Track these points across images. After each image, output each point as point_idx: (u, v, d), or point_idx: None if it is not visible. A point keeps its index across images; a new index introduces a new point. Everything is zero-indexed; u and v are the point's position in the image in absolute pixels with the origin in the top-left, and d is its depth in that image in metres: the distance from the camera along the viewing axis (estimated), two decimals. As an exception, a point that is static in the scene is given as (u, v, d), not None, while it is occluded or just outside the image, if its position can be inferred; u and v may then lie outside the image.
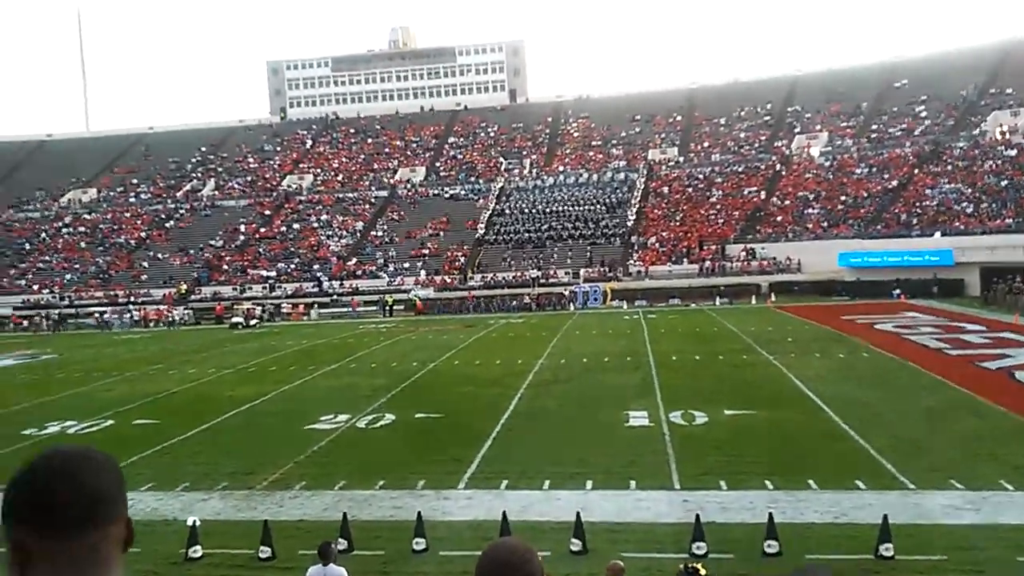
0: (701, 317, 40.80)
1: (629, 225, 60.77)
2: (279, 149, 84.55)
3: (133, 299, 58.66)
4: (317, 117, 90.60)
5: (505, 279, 55.78)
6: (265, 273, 61.27)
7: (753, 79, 79.23)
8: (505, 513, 11.00)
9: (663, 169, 68.28)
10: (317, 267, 61.61)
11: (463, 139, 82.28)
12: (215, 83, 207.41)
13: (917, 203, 52.08)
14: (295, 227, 68.39)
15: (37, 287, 62.60)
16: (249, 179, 78.63)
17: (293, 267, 62.10)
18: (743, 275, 51.95)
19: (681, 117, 77.36)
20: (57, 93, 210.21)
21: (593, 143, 76.43)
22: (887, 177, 56.51)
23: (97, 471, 1.42)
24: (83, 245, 69.33)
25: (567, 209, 63.61)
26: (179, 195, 76.44)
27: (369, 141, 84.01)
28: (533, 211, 64.36)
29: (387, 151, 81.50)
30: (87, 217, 73.90)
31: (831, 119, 68.65)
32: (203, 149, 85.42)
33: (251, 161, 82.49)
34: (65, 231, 72.02)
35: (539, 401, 20.82)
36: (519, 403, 20.56)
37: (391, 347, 34.63)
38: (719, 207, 61.18)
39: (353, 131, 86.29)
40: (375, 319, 50.14)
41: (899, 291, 44.56)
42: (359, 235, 66.16)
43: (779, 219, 57.17)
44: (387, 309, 51.78)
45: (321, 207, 70.96)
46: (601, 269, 55.18)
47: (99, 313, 55.87)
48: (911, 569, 9.61)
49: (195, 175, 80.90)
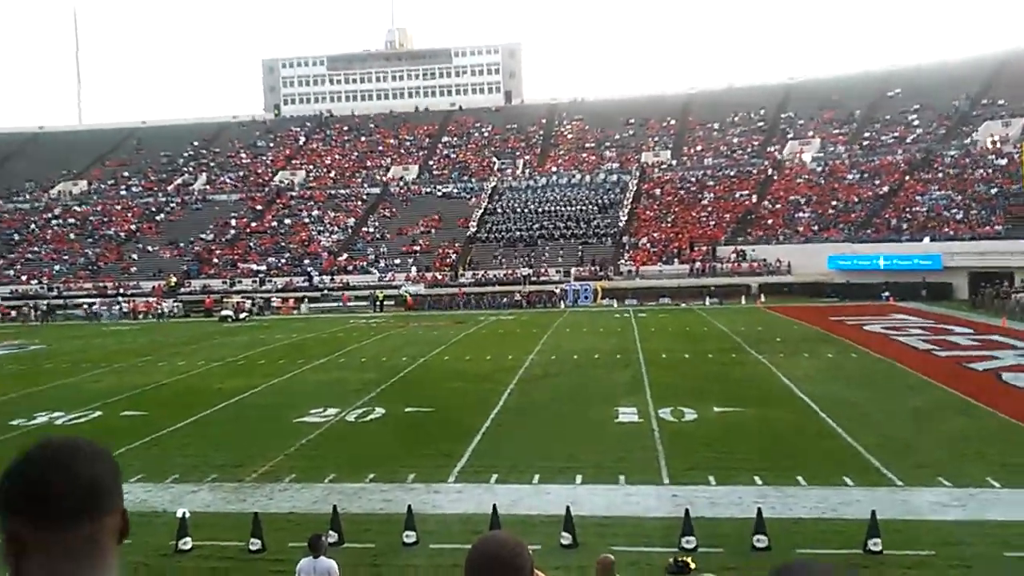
0: (691, 316, 40.92)
1: (621, 225, 60.92)
2: (272, 145, 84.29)
3: (122, 291, 58.37)
4: (311, 115, 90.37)
5: (496, 277, 55.81)
6: (255, 267, 61.08)
7: (748, 85, 79.44)
8: (495, 507, 11.01)
9: (656, 172, 68.45)
10: (308, 262, 61.47)
11: (457, 139, 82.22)
12: (209, 79, 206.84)
13: (907, 209, 52.42)
14: (286, 222, 68.22)
15: (26, 278, 62.27)
16: (241, 174, 78.37)
17: (284, 262, 61.94)
18: (733, 276, 52.17)
19: (675, 121, 77.49)
20: (50, 86, 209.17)
21: (586, 145, 76.50)
22: (878, 183, 56.84)
23: (92, 461, 1.39)
24: (72, 237, 68.97)
25: (559, 209, 63.71)
26: (170, 189, 76.10)
27: (363, 139, 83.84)
28: (525, 210, 64.41)
29: (380, 149, 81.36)
30: (77, 209, 73.51)
31: (824, 126, 68.93)
32: (195, 144, 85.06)
33: (243, 156, 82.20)
34: (55, 222, 71.61)
35: (529, 396, 20.84)
36: (509, 398, 20.58)
37: (381, 342, 34.57)
38: (710, 209, 61.38)
39: (347, 129, 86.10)
40: (365, 314, 50.04)
41: (888, 294, 44.85)
42: (350, 231, 66.06)
43: (770, 222, 57.42)
44: (377, 304, 51.72)
45: (313, 203, 70.79)
46: (592, 268, 55.28)
47: (88, 304, 55.55)
48: (899, 564, 9.68)
49: (187, 169, 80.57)
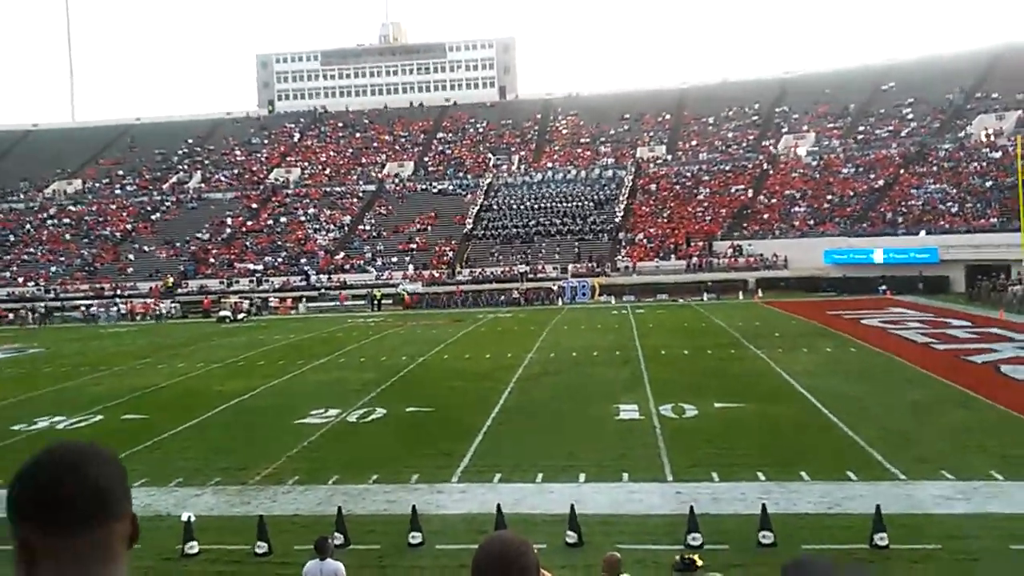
0: (689, 312, 40.98)
1: (617, 221, 60.93)
2: (267, 142, 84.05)
3: (119, 292, 58.22)
4: (305, 111, 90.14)
5: (493, 274, 55.79)
6: (252, 266, 60.96)
7: (742, 80, 79.41)
8: (499, 506, 11.02)
9: (651, 167, 68.47)
10: (304, 261, 61.38)
11: (452, 135, 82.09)
12: (203, 75, 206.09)
13: (903, 202, 52.50)
14: (282, 221, 68.07)
15: (22, 280, 62.03)
16: (236, 172, 78.16)
17: (280, 261, 61.83)
18: (730, 271, 52.23)
19: (670, 116, 77.47)
20: (43, 83, 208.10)
21: (582, 140, 76.45)
22: (873, 177, 56.90)
23: (102, 466, 1.39)
24: (68, 237, 68.70)
25: (555, 205, 63.69)
26: (165, 187, 75.85)
27: (357, 135, 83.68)
28: (521, 207, 64.38)
29: (375, 146, 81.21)
30: (72, 209, 73.22)
31: (819, 120, 68.95)
32: (190, 141, 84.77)
33: (238, 154, 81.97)
34: (50, 223, 71.32)
35: (529, 395, 20.86)
36: (509, 397, 20.59)
37: (380, 341, 34.57)
38: (706, 204, 61.41)
39: (341, 125, 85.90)
40: (363, 313, 50.00)
41: (885, 287, 44.95)
42: (347, 229, 65.96)
43: (766, 217, 57.49)
44: (375, 303, 51.68)
45: (308, 201, 70.66)
46: (589, 264, 55.30)
47: (85, 306, 55.39)
48: (906, 558, 9.73)
49: (181, 167, 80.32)
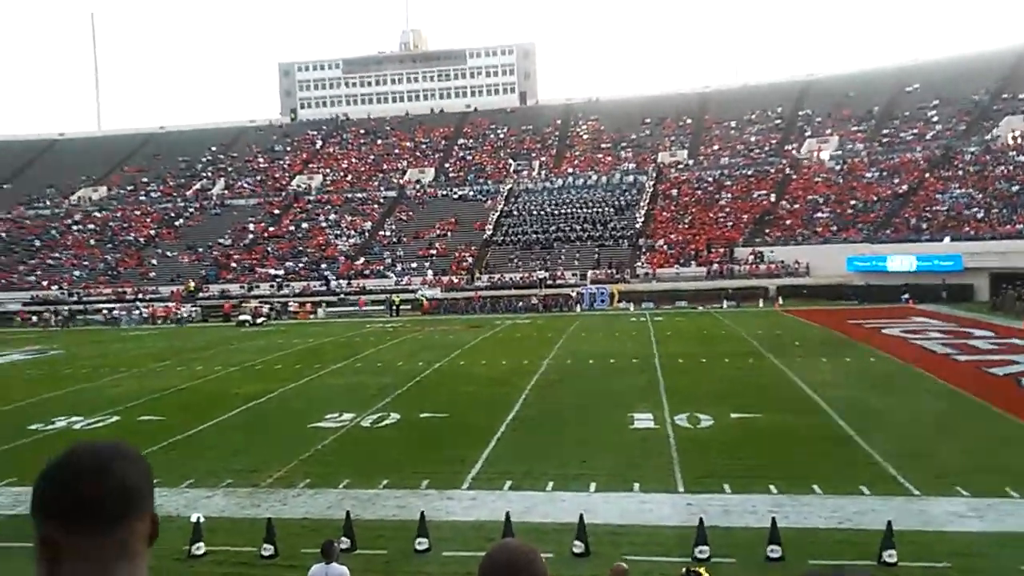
0: (708, 320, 40.71)
1: (637, 227, 60.73)
2: (289, 149, 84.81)
3: (141, 296, 58.94)
4: (327, 118, 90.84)
5: (512, 280, 55.79)
6: (273, 271, 61.45)
7: (764, 83, 79.06)
8: (508, 514, 10.96)
9: (672, 172, 68.20)
10: (325, 266, 61.76)
11: (472, 140, 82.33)
12: (226, 84, 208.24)
13: (927, 208, 51.86)
14: (303, 226, 68.59)
15: (46, 283, 62.97)
16: (259, 179, 78.92)
17: (301, 266, 62.27)
18: (751, 278, 51.84)
19: (691, 120, 77.18)
20: (70, 93, 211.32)
21: (602, 145, 76.35)
22: (897, 182, 56.28)
23: (126, 466, 1.40)
24: (92, 243, 69.69)
25: (575, 211, 63.61)
26: (189, 194, 76.77)
27: (379, 142, 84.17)
28: (541, 212, 64.38)
29: (396, 152, 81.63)
30: (97, 215, 74.29)
31: (842, 123, 68.36)
32: (213, 148, 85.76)
33: (261, 161, 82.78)
34: (75, 228, 72.40)
35: (544, 402, 20.78)
36: (524, 404, 20.53)
37: (397, 346, 34.67)
38: (728, 210, 61.02)
39: (363, 132, 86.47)
40: (382, 318, 50.22)
41: (907, 296, 44.38)
42: (367, 235, 66.30)
43: (788, 222, 57.01)
44: (394, 308, 51.85)
45: (330, 207, 71.15)
46: (608, 271, 55.13)
47: (107, 310, 56.11)
48: None
49: (205, 174, 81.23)
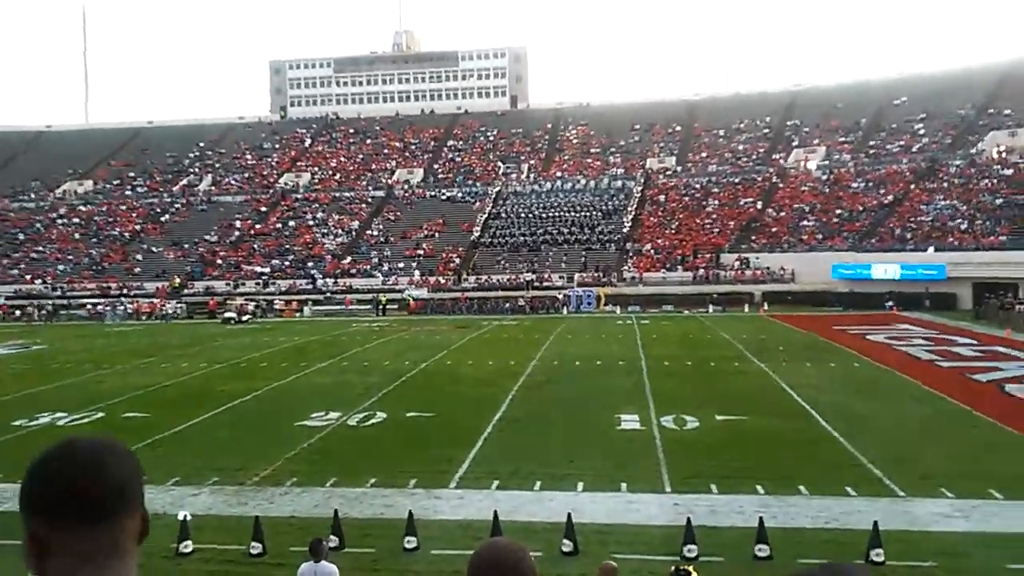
0: (694, 324, 40.88)
1: (625, 232, 60.93)
2: (277, 147, 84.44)
3: (126, 292, 58.48)
4: (317, 116, 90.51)
5: (499, 281, 55.80)
6: (259, 269, 61.14)
7: (753, 92, 79.55)
8: (496, 513, 10.98)
9: (660, 178, 68.46)
10: (311, 264, 61.53)
11: (462, 142, 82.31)
12: (216, 80, 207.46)
13: (912, 218, 52.35)
14: (290, 224, 68.31)
15: (30, 277, 62.37)
16: (246, 176, 78.51)
17: (287, 264, 62.00)
18: (736, 284, 52.13)
19: (680, 127, 77.52)
20: (58, 84, 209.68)
21: (592, 150, 76.55)
22: (883, 192, 56.77)
23: (115, 462, 1.37)
24: (77, 236, 69.07)
25: (563, 214, 63.74)
26: (175, 189, 76.25)
27: (368, 142, 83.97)
28: (529, 215, 64.45)
29: (386, 152, 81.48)
30: (82, 209, 73.65)
31: (829, 134, 68.89)
32: (201, 144, 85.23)
33: (249, 158, 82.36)
34: (60, 222, 71.73)
35: (531, 403, 20.81)
36: (511, 404, 20.55)
37: (383, 346, 34.60)
38: (715, 217, 61.34)
39: (352, 131, 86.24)
40: (368, 317, 50.08)
41: (892, 303, 44.78)
42: (354, 234, 66.12)
43: (774, 230, 57.38)
44: (380, 308, 51.73)
45: (317, 205, 70.89)
46: (595, 274, 55.26)
47: (92, 305, 55.64)
48: (901, 574, 9.65)
49: (192, 170, 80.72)
